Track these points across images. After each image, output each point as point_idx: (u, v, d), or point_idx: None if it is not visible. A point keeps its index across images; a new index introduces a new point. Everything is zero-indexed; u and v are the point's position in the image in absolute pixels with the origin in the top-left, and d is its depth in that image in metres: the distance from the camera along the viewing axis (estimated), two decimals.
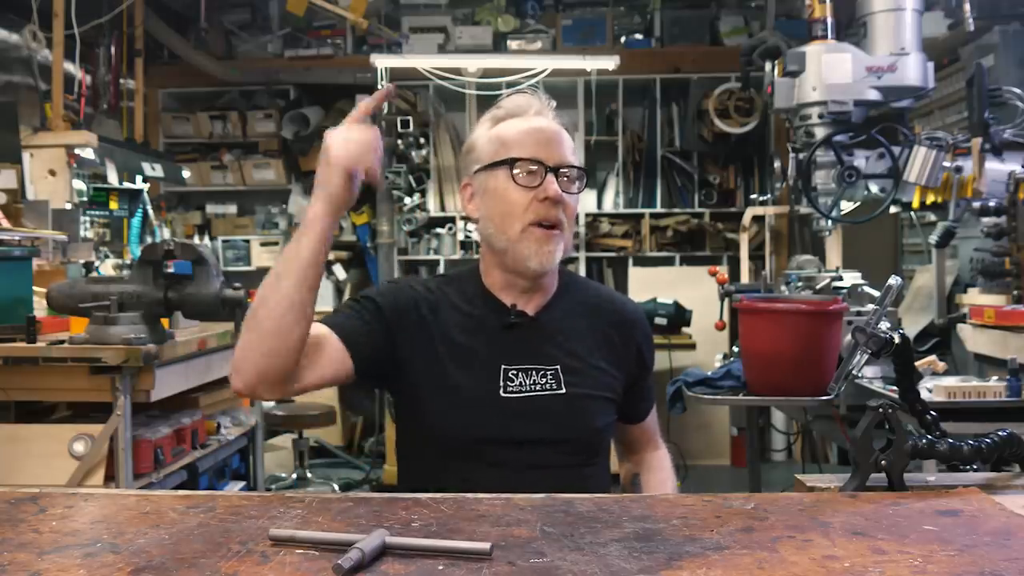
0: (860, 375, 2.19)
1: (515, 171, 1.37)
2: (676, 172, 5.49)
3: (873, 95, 2.71)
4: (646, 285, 5.07)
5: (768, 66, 3.12)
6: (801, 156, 2.79)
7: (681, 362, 4.59)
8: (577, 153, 1.46)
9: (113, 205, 3.93)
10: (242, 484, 3.03)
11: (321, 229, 1.27)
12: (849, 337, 1.30)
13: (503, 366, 1.39)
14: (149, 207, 4.17)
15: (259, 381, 1.25)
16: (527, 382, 1.39)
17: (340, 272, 5.62)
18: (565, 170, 1.39)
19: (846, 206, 2.86)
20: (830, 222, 2.82)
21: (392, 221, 5.25)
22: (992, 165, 2.63)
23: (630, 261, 5.39)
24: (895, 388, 1.34)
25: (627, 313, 1.54)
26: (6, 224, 2.90)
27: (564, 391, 1.39)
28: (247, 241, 5.64)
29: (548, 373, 1.40)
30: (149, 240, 4.11)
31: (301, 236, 1.27)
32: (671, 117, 5.48)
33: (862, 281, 2.76)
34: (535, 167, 1.37)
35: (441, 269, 5.36)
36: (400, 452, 1.50)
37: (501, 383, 1.38)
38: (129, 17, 4.64)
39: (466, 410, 1.37)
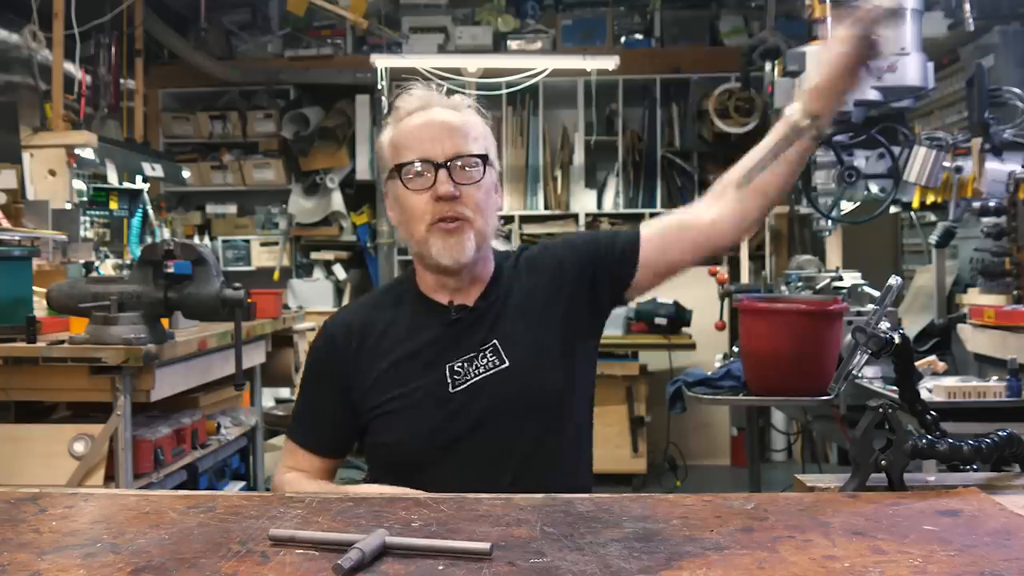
0: (860, 375, 2.19)
1: (405, 177, 1.35)
2: (676, 172, 5.49)
3: (873, 95, 2.71)
4: None
5: (768, 66, 3.12)
6: None
7: (681, 362, 4.59)
8: (484, 139, 1.40)
9: (113, 205, 3.94)
10: (242, 484, 3.04)
11: None
12: (849, 337, 1.30)
13: (448, 364, 1.36)
14: (149, 207, 4.17)
15: None
16: (471, 370, 1.36)
17: (340, 272, 5.62)
18: (459, 161, 1.35)
19: (846, 206, 2.86)
20: (830, 222, 2.82)
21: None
22: (992, 165, 2.63)
23: None
24: (895, 388, 1.34)
25: (535, 253, 1.49)
26: (6, 224, 2.90)
27: (508, 364, 1.36)
28: (247, 241, 5.64)
29: (487, 352, 1.37)
30: (149, 240, 4.11)
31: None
32: (671, 117, 5.48)
33: (862, 281, 2.76)
34: (423, 167, 1.34)
35: None
36: (371, 474, 1.47)
37: (449, 380, 1.36)
38: (129, 17, 4.64)
39: (419, 419, 1.36)
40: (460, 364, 1.36)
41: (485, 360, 1.36)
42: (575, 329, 1.43)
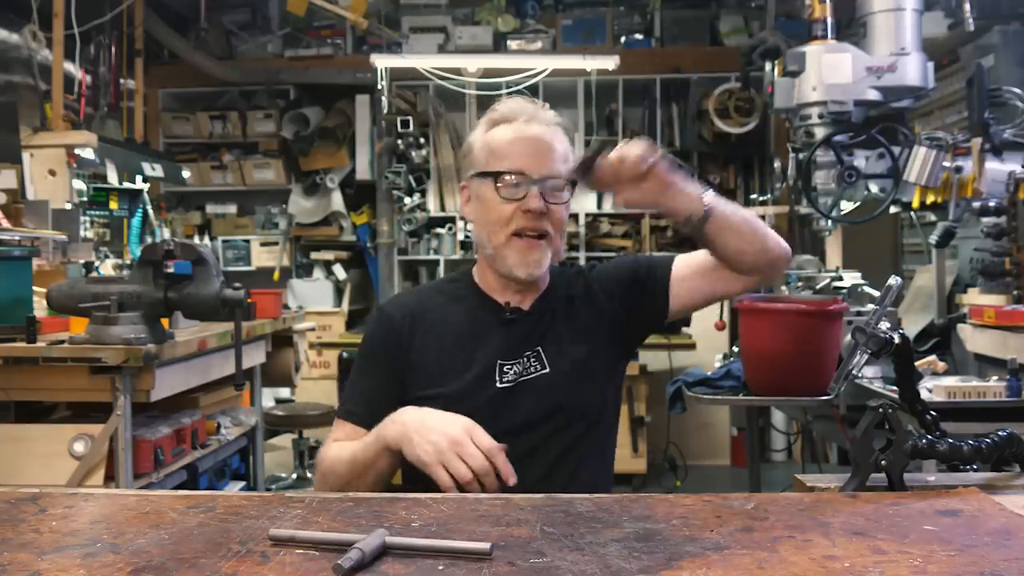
0: (860, 375, 2.19)
1: (499, 184, 1.41)
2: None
3: (873, 95, 2.71)
4: None
5: (768, 66, 3.12)
6: (801, 156, 2.79)
7: (681, 362, 4.59)
8: (570, 159, 1.45)
9: (113, 205, 3.94)
10: (242, 484, 3.03)
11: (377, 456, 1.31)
12: (849, 337, 1.30)
13: (499, 362, 1.43)
14: (149, 207, 4.17)
15: None
16: (519, 370, 1.43)
17: (340, 272, 5.63)
18: (551, 182, 1.40)
19: (846, 206, 2.86)
20: (830, 222, 2.82)
21: (392, 221, 5.25)
22: (992, 165, 2.63)
23: None
24: (895, 388, 1.34)
25: (584, 273, 1.56)
26: (6, 224, 2.90)
27: (548, 369, 1.43)
28: (247, 241, 5.64)
29: (532, 356, 1.44)
30: (149, 240, 4.11)
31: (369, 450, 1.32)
32: (671, 117, 5.48)
33: (862, 281, 2.76)
34: (519, 180, 1.40)
35: (441, 269, 5.36)
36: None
37: (497, 377, 1.42)
38: (129, 17, 4.64)
39: (467, 408, 1.36)
40: (509, 364, 1.43)
41: (529, 364, 1.43)
42: (612, 349, 1.50)
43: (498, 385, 1.41)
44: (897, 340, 1.25)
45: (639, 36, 5.57)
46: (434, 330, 1.46)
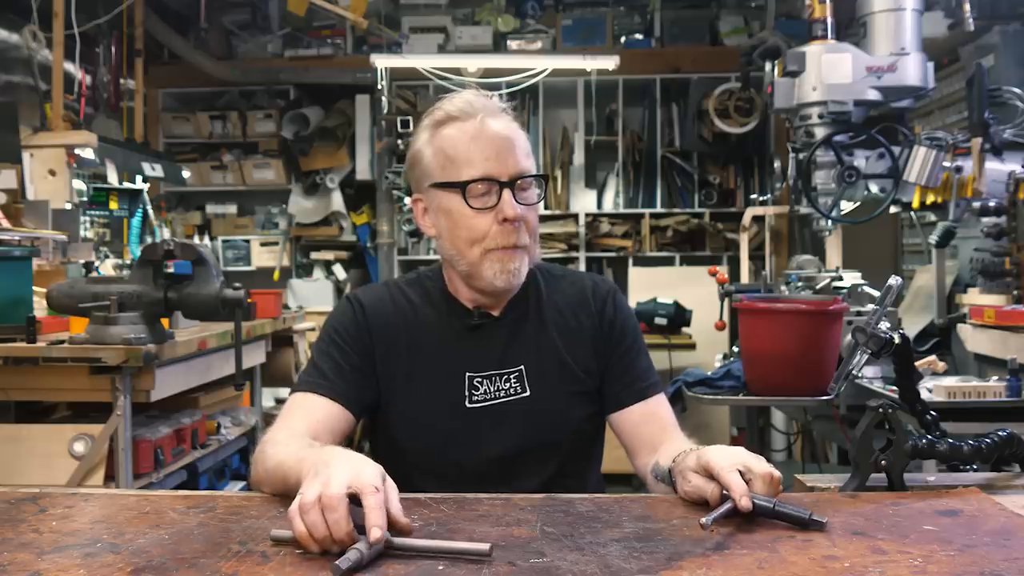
0: (860, 375, 2.19)
1: (468, 196, 1.27)
2: (676, 172, 5.50)
3: (873, 95, 2.71)
4: (646, 285, 5.07)
5: (768, 66, 3.12)
6: (801, 156, 2.79)
7: (681, 362, 4.58)
8: (531, 153, 1.34)
9: (113, 205, 3.94)
10: (242, 484, 3.03)
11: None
12: (849, 337, 1.30)
13: (468, 374, 1.32)
14: (149, 207, 4.17)
15: None
16: (491, 389, 1.32)
17: (340, 272, 5.63)
18: (521, 181, 1.29)
19: (846, 206, 2.86)
20: (830, 222, 2.82)
21: (392, 221, 5.25)
22: (992, 165, 2.64)
23: (630, 261, 5.39)
24: (895, 388, 1.34)
25: (590, 291, 1.42)
26: (6, 224, 2.90)
27: (529, 393, 1.32)
28: (247, 241, 5.64)
29: (512, 376, 1.33)
30: (149, 240, 4.11)
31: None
32: (671, 117, 5.48)
33: (862, 281, 2.76)
34: (488, 186, 1.27)
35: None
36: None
37: (466, 392, 1.32)
38: (129, 17, 4.64)
39: (433, 425, 1.31)
40: (480, 379, 1.33)
41: (509, 384, 1.33)
42: (602, 373, 1.39)
43: (467, 404, 1.31)
44: (897, 340, 1.25)
45: (639, 36, 5.57)
46: (407, 333, 1.35)
